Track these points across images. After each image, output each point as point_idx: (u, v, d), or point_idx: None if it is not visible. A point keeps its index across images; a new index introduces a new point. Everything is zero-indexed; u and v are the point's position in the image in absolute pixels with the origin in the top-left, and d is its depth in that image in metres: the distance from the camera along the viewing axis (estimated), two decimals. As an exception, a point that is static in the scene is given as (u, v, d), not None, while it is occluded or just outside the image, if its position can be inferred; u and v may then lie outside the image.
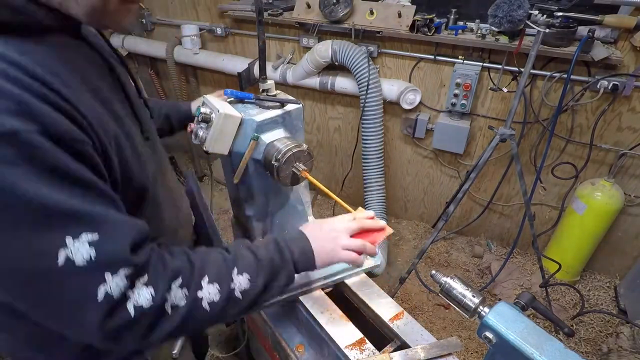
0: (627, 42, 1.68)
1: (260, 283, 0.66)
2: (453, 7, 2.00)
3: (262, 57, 0.98)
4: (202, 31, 2.67)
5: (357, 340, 0.90)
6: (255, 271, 0.66)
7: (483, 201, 2.36)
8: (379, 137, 2.21)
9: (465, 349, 1.91)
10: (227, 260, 0.65)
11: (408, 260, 2.44)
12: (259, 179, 1.03)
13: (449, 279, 0.80)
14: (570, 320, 2.02)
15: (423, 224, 2.74)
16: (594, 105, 1.84)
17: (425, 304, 2.15)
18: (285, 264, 0.71)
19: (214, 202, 2.81)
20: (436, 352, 0.86)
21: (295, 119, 1.02)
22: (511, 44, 1.80)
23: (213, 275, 0.61)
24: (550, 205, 2.23)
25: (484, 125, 2.15)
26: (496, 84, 1.97)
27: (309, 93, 2.56)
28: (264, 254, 0.69)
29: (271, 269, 0.69)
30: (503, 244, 2.52)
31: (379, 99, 2.12)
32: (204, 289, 0.59)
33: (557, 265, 1.95)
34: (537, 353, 0.64)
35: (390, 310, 0.97)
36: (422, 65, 2.14)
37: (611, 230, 2.05)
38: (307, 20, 2.19)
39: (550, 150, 2.03)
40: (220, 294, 0.60)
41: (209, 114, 0.92)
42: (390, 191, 2.64)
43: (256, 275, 0.66)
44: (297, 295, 1.00)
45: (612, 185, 1.86)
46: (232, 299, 0.62)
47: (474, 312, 0.75)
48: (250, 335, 1.33)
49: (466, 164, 2.32)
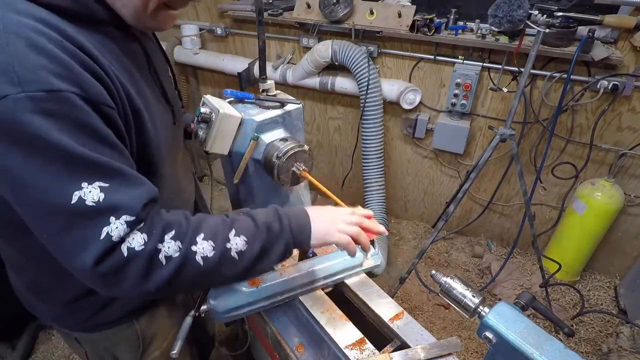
0: (627, 42, 1.68)
1: (257, 247, 0.69)
2: (453, 7, 2.00)
3: (262, 57, 0.98)
4: (202, 31, 2.67)
5: (357, 340, 0.90)
6: (253, 235, 0.69)
7: (483, 201, 2.36)
8: (379, 137, 2.21)
9: (465, 349, 1.91)
10: (225, 222, 0.69)
11: (408, 260, 2.44)
12: (259, 179, 1.03)
13: (449, 279, 0.80)
14: (570, 320, 2.02)
15: (423, 224, 2.74)
16: (594, 105, 1.84)
17: (425, 304, 2.15)
18: (283, 232, 0.73)
19: (214, 202, 2.81)
20: (436, 352, 0.86)
21: (295, 119, 1.02)
22: (511, 44, 1.80)
23: (209, 233, 0.65)
24: (550, 205, 2.23)
25: (484, 125, 2.15)
26: (496, 84, 1.97)
27: (309, 93, 2.56)
28: (262, 219, 0.72)
29: (268, 234, 0.71)
30: (503, 244, 2.52)
31: (379, 99, 2.12)
32: (198, 244, 0.63)
33: (557, 265, 1.95)
34: (537, 353, 0.64)
35: (390, 310, 0.97)
36: (422, 65, 2.14)
37: (611, 230, 2.05)
38: (307, 20, 2.19)
39: (550, 150, 2.03)
40: (214, 250, 0.64)
41: (209, 114, 0.92)
42: (390, 191, 2.64)
43: (253, 239, 0.69)
44: (297, 295, 1.00)
45: (612, 185, 1.86)
46: (227, 258, 0.66)
47: (474, 312, 0.75)
48: (250, 335, 1.33)
49: (466, 164, 2.32)
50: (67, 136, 0.52)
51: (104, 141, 0.56)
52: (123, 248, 0.57)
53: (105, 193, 0.55)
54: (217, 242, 0.65)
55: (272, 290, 0.97)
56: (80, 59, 0.55)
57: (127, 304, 0.86)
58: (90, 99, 0.54)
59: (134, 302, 0.87)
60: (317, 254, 1.12)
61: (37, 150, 0.51)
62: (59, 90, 0.51)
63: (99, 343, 0.91)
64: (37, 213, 0.55)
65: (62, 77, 0.52)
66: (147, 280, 0.60)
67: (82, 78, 0.54)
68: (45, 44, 0.52)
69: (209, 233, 0.65)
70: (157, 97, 0.76)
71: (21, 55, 0.50)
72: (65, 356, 1.91)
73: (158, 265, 0.60)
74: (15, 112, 0.49)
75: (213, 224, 0.68)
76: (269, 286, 0.97)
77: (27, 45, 0.50)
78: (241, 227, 0.69)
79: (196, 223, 0.66)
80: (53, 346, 1.97)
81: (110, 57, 0.62)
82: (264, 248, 0.70)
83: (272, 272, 1.02)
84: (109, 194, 0.55)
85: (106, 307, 0.83)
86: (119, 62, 0.64)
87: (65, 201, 0.53)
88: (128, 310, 0.87)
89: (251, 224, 0.70)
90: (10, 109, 0.48)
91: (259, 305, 0.97)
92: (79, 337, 0.90)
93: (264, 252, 0.70)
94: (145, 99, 0.69)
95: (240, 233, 0.68)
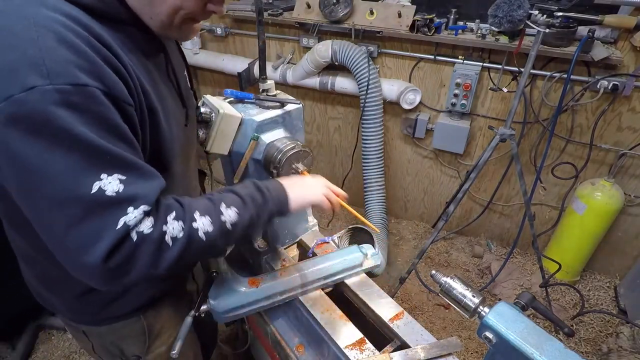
0: (627, 42, 1.68)
1: (247, 217, 0.73)
2: (453, 7, 2.00)
3: (262, 57, 0.98)
4: (202, 31, 2.67)
5: (357, 340, 0.90)
6: (241, 206, 0.73)
7: (483, 201, 2.36)
8: (379, 137, 2.21)
9: (465, 349, 1.91)
10: (213, 199, 0.72)
11: (408, 260, 2.44)
12: (259, 179, 1.02)
13: (449, 279, 0.80)
14: (570, 320, 2.02)
15: (423, 224, 2.74)
16: (594, 105, 1.84)
17: (425, 304, 2.15)
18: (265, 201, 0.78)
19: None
20: (436, 352, 0.86)
21: (295, 119, 1.02)
22: (511, 44, 1.80)
23: (202, 209, 0.68)
24: (550, 205, 2.23)
25: (484, 125, 2.15)
26: (496, 84, 1.97)
27: (309, 93, 2.56)
28: (245, 192, 0.76)
29: (254, 204, 0.75)
30: (503, 244, 2.52)
31: (379, 99, 2.12)
32: (197, 221, 0.66)
33: (557, 265, 1.95)
34: (537, 353, 0.64)
35: (390, 310, 0.97)
36: (422, 65, 2.14)
37: (611, 230, 2.05)
38: (307, 20, 2.19)
39: (550, 150, 2.03)
40: (213, 225, 0.67)
41: (209, 114, 0.92)
42: (390, 191, 2.64)
43: (242, 210, 0.73)
44: (297, 295, 1.00)
45: (612, 185, 1.86)
46: (223, 231, 0.69)
47: (474, 312, 0.75)
48: (250, 335, 1.33)
49: (466, 164, 2.32)
50: (88, 129, 0.53)
51: (121, 136, 0.58)
52: (132, 234, 0.58)
53: (124, 184, 0.57)
54: (213, 217, 0.68)
55: (272, 290, 0.97)
56: (104, 56, 0.57)
57: (136, 299, 0.88)
58: (112, 95, 0.56)
59: (143, 296, 0.89)
60: (317, 254, 1.12)
61: (60, 141, 0.52)
62: (85, 84, 0.53)
63: (106, 336, 0.92)
64: (49, 205, 0.55)
65: (87, 72, 0.53)
66: (157, 263, 0.61)
67: (105, 74, 0.56)
68: (74, 39, 0.53)
69: (202, 209, 0.67)
70: (173, 97, 0.79)
71: (51, 49, 0.51)
72: (65, 356, 1.91)
73: (166, 247, 0.61)
74: (43, 103, 0.50)
75: (202, 201, 0.70)
76: (269, 286, 0.97)
77: (56, 40, 0.52)
78: (228, 200, 0.72)
79: (187, 202, 0.68)
80: (53, 346, 1.97)
81: (132, 56, 0.64)
82: (252, 217, 0.74)
83: (272, 272, 1.02)
84: (128, 186, 0.57)
85: (115, 301, 0.84)
86: (139, 61, 0.66)
87: (85, 191, 0.54)
88: (136, 304, 0.88)
89: (236, 198, 0.74)
90: (38, 100, 0.50)
91: (259, 305, 0.97)
92: (86, 330, 0.91)
93: (252, 221, 0.74)
94: (162, 98, 0.72)
95: (231, 205, 0.71)
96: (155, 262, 0.61)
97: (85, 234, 0.56)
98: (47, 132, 0.51)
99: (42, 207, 0.56)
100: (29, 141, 0.51)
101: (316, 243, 1.18)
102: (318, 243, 1.18)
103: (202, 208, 0.68)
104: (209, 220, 0.67)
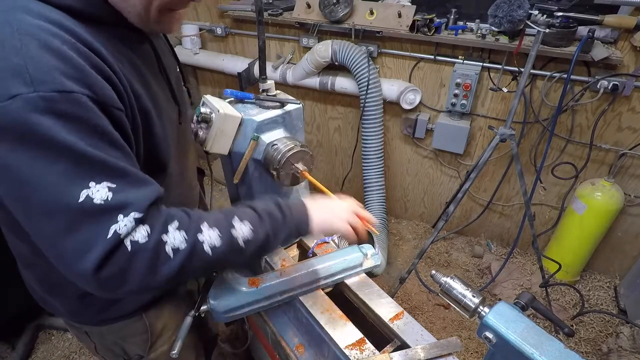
0: (627, 42, 1.68)
1: (262, 234, 0.70)
2: (453, 7, 2.00)
3: (262, 57, 0.98)
4: (202, 31, 2.67)
5: (357, 340, 0.90)
6: (257, 222, 0.70)
7: (483, 201, 2.36)
8: (379, 137, 2.21)
9: (465, 349, 1.91)
10: (226, 211, 0.70)
11: (408, 260, 2.44)
12: (259, 179, 1.03)
13: (449, 279, 0.80)
14: (570, 320, 2.02)
15: (423, 224, 2.74)
16: (594, 105, 1.84)
17: (425, 304, 2.15)
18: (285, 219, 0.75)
19: (214, 202, 2.81)
20: (436, 352, 0.86)
21: (295, 119, 1.02)
22: (511, 44, 1.80)
23: (212, 221, 0.65)
24: (550, 205, 2.23)
25: (484, 125, 2.15)
26: (496, 84, 1.96)
27: (309, 93, 2.56)
28: (263, 207, 0.74)
29: (271, 221, 0.72)
30: (503, 244, 2.52)
31: (379, 99, 2.12)
32: (204, 233, 0.63)
33: (557, 265, 1.95)
34: (537, 353, 0.64)
35: (390, 310, 0.97)
36: (422, 65, 2.14)
37: (611, 230, 2.05)
38: (307, 20, 2.19)
39: (550, 150, 2.03)
40: (221, 239, 0.64)
41: (209, 114, 0.92)
42: (390, 191, 2.64)
43: (258, 226, 0.70)
44: (297, 295, 1.00)
45: (612, 185, 1.86)
46: (235, 247, 0.66)
47: (474, 312, 0.75)
48: (250, 335, 1.33)
49: (466, 164, 2.32)
50: (76, 136, 0.52)
51: (111, 142, 0.57)
52: (127, 243, 0.56)
53: (113, 192, 0.55)
54: (222, 230, 0.65)
55: (272, 290, 0.97)
56: (91, 61, 0.55)
57: (137, 299, 0.88)
58: (100, 101, 0.55)
59: (144, 297, 0.89)
60: (317, 254, 1.12)
61: (46, 149, 0.51)
62: (71, 91, 0.52)
63: (108, 336, 0.92)
64: (39, 214, 0.55)
65: (74, 79, 0.52)
66: (154, 275, 0.59)
67: (93, 80, 0.54)
68: (59, 45, 0.52)
69: (212, 222, 0.65)
70: (165, 94, 0.77)
71: (35, 56, 0.50)
72: (65, 356, 1.91)
73: (165, 258, 0.59)
74: (26, 111, 0.49)
75: (214, 214, 0.68)
76: (269, 286, 0.97)
77: (40, 47, 0.51)
78: (243, 214, 0.70)
79: (197, 214, 0.66)
80: (53, 346, 1.97)
81: (121, 58, 0.63)
82: (268, 235, 0.71)
83: (272, 272, 1.02)
84: (117, 193, 0.56)
85: (116, 302, 0.85)
86: (129, 63, 0.65)
87: (71, 200, 0.53)
88: (138, 304, 0.88)
89: (252, 212, 0.71)
90: (22, 108, 0.49)
91: (259, 305, 0.97)
92: (88, 330, 0.91)
93: (268, 239, 0.71)
94: (154, 97, 0.70)
95: (245, 219, 0.68)
96: (153, 273, 0.59)
97: (75, 244, 0.55)
98: (31, 140, 0.50)
99: (33, 216, 0.55)
100: (16, 150, 0.50)
101: (316, 243, 1.18)
102: (318, 243, 1.18)
103: (211, 220, 0.65)
104: (216, 234, 0.64)
